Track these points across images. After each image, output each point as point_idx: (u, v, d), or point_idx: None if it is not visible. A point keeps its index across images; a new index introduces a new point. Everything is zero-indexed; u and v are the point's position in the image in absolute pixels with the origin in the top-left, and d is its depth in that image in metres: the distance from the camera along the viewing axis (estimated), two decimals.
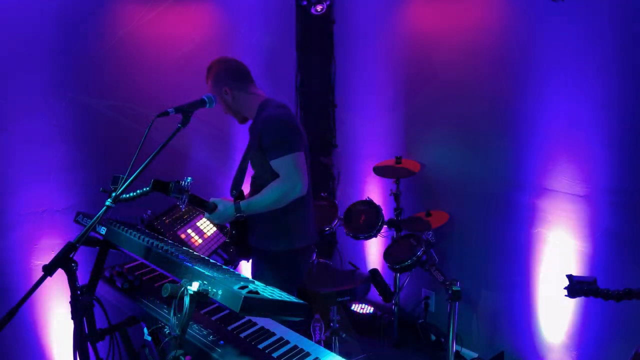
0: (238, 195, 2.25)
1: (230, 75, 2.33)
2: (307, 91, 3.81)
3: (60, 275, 1.52)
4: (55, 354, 2.62)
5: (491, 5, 2.84)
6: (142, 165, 1.63)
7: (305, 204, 2.34)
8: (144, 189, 1.88)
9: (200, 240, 2.48)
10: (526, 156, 2.80)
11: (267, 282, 2.31)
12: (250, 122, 2.41)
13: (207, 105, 1.95)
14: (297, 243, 2.34)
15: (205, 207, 2.12)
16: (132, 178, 1.60)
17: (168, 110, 1.77)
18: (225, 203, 2.15)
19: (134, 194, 1.83)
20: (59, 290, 2.49)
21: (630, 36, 2.34)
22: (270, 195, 2.17)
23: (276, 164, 2.18)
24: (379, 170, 3.24)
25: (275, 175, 2.20)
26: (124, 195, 1.67)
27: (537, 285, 2.85)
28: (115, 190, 1.69)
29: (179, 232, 2.44)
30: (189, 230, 2.47)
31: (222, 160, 3.33)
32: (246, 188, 2.38)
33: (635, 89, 2.36)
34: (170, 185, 1.84)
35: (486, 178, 3.01)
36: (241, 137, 3.36)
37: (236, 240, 2.37)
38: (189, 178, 1.90)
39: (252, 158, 2.31)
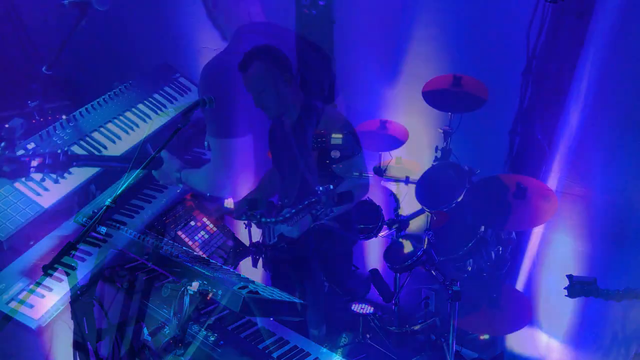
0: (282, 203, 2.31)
1: (290, 64, 2.24)
2: (307, 91, 3.80)
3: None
4: (55, 354, 2.62)
5: (492, 4, 2.84)
6: (142, 166, 1.63)
7: None
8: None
9: (200, 241, 2.48)
10: (526, 156, 2.80)
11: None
12: (283, 119, 2.39)
13: (208, 105, 1.95)
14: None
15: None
16: (131, 178, 1.60)
17: (168, 110, 1.77)
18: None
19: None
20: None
21: (627, 37, 2.34)
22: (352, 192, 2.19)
23: (349, 163, 2.27)
24: (379, 170, 3.23)
25: (328, 175, 2.25)
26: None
27: (537, 285, 2.84)
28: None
29: (179, 232, 2.45)
30: (189, 230, 2.47)
31: None
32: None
33: (634, 89, 2.35)
34: None
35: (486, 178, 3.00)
36: None
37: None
38: None
39: (307, 158, 2.29)
